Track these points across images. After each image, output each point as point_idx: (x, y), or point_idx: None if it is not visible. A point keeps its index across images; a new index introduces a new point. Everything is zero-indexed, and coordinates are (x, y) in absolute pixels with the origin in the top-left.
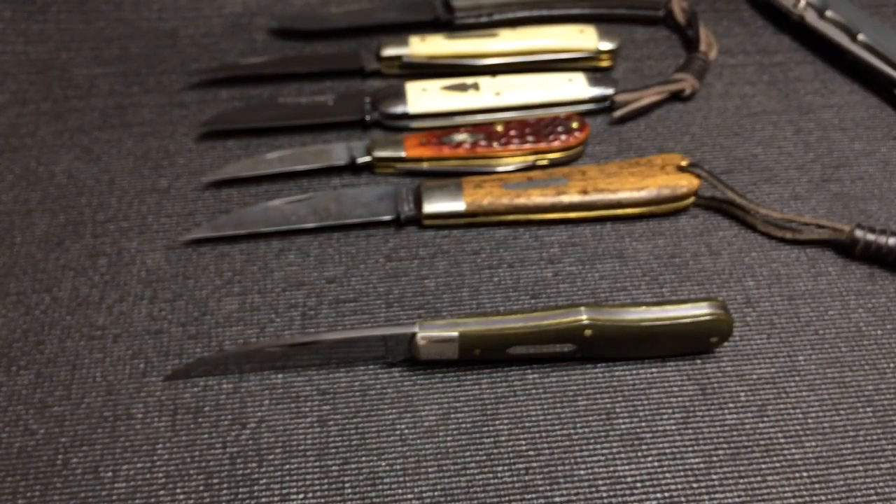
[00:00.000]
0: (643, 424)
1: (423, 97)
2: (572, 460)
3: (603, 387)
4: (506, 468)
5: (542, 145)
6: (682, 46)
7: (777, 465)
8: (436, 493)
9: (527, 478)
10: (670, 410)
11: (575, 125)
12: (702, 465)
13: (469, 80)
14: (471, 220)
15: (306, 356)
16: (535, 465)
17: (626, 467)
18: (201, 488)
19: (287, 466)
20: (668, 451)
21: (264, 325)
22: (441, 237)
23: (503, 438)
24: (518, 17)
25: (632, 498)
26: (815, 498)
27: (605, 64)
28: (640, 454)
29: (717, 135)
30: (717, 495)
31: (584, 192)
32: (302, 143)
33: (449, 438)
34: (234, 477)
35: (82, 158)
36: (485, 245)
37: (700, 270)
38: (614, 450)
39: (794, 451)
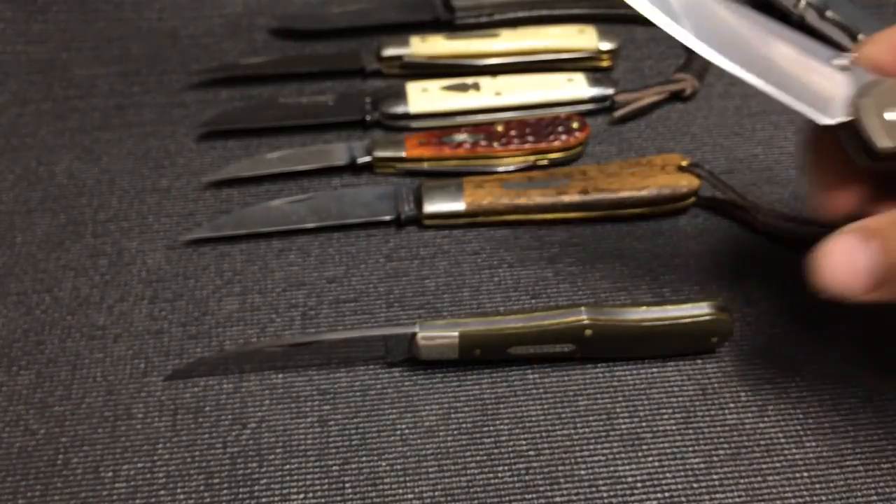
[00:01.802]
0: (643, 424)
1: (423, 97)
2: (573, 460)
3: (603, 387)
4: (506, 468)
5: (543, 145)
6: (683, 46)
7: (777, 465)
8: (436, 493)
9: (527, 478)
10: (671, 410)
11: (575, 125)
12: (702, 465)
13: (469, 81)
14: (471, 220)
15: (307, 356)
16: (535, 465)
17: (627, 467)
18: (202, 488)
19: (287, 466)
20: (668, 451)
21: (265, 325)
22: (441, 237)
23: (504, 438)
24: (518, 17)
25: (632, 498)
26: (815, 498)
27: (605, 64)
28: (640, 454)
29: (717, 135)
30: (717, 495)
31: (585, 192)
32: (302, 143)
33: (449, 438)
34: (234, 477)
35: (83, 158)
36: (485, 245)
37: (700, 270)
38: (615, 450)
39: (794, 450)
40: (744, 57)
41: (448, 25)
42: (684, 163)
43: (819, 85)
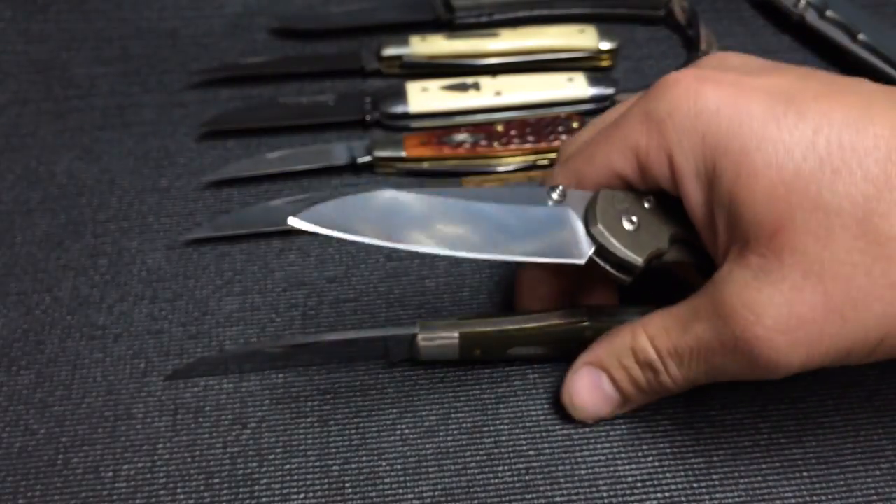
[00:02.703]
0: (643, 424)
1: (423, 97)
2: (573, 460)
3: None
4: (506, 468)
5: (543, 145)
6: (683, 46)
7: (777, 464)
8: (436, 493)
9: (527, 477)
10: (671, 410)
11: (575, 125)
12: (702, 465)
13: (469, 80)
14: None
15: (307, 356)
16: (535, 464)
17: (627, 467)
18: (202, 488)
19: (288, 466)
20: (668, 450)
21: (265, 324)
22: None
23: (504, 438)
24: (518, 17)
25: (632, 498)
26: (815, 498)
27: (605, 64)
28: (640, 454)
29: None
30: (717, 495)
31: None
32: (302, 143)
33: (449, 438)
34: (234, 477)
35: (83, 158)
36: None
37: None
38: (615, 449)
39: (794, 450)
40: (471, 242)
41: (448, 25)
42: None
43: (553, 229)
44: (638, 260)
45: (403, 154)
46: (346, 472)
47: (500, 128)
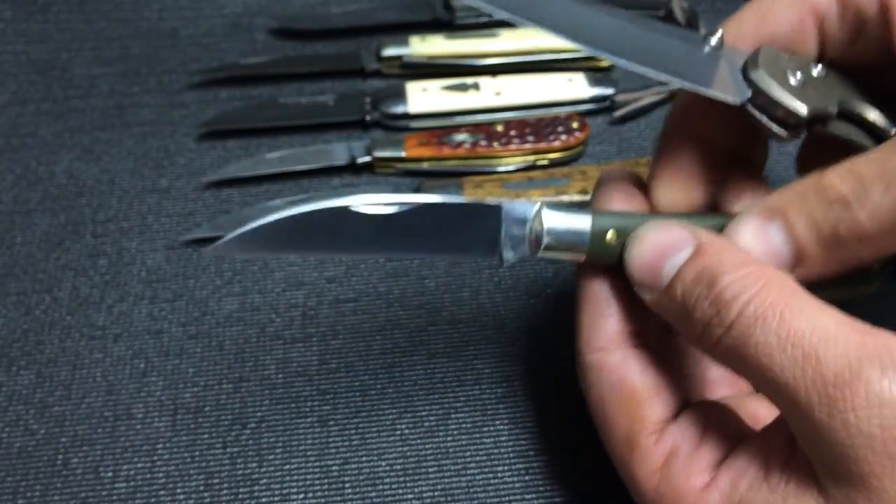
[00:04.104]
0: None
1: (423, 97)
2: (573, 460)
3: None
4: (506, 468)
5: (543, 145)
6: None
7: None
8: (436, 493)
9: (527, 478)
10: None
11: (575, 125)
12: None
13: (469, 80)
14: None
15: (405, 236)
16: (535, 465)
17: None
18: (201, 488)
19: (287, 466)
20: None
21: (265, 325)
22: None
23: (503, 438)
24: None
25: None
26: None
27: (604, 64)
28: None
29: None
30: None
31: (584, 192)
32: (302, 143)
33: (449, 438)
34: (234, 477)
35: (83, 158)
36: None
37: None
38: None
39: None
40: (639, 53)
41: (448, 25)
42: None
43: (708, 65)
44: (802, 108)
45: (403, 154)
46: (345, 472)
47: (499, 128)
